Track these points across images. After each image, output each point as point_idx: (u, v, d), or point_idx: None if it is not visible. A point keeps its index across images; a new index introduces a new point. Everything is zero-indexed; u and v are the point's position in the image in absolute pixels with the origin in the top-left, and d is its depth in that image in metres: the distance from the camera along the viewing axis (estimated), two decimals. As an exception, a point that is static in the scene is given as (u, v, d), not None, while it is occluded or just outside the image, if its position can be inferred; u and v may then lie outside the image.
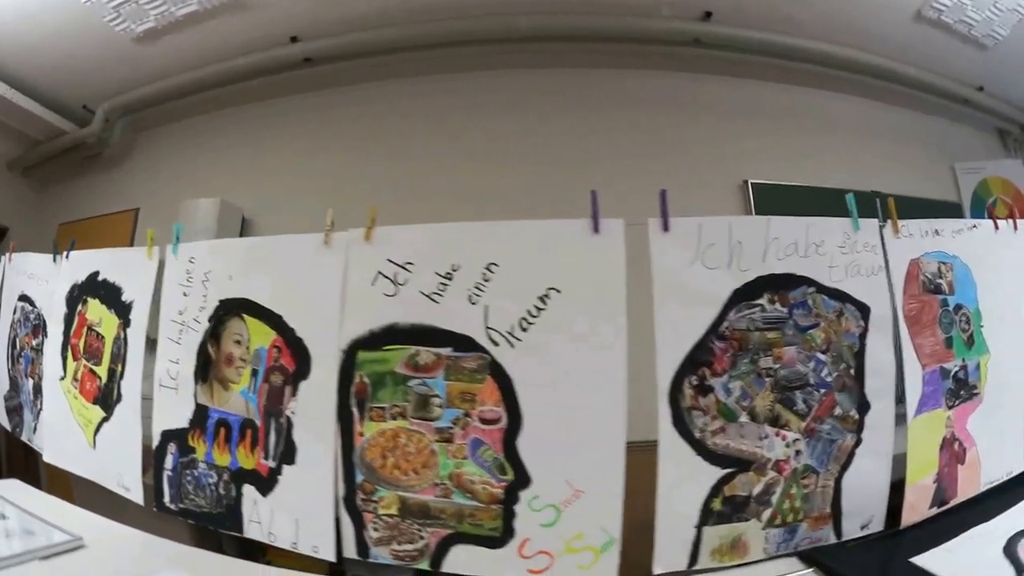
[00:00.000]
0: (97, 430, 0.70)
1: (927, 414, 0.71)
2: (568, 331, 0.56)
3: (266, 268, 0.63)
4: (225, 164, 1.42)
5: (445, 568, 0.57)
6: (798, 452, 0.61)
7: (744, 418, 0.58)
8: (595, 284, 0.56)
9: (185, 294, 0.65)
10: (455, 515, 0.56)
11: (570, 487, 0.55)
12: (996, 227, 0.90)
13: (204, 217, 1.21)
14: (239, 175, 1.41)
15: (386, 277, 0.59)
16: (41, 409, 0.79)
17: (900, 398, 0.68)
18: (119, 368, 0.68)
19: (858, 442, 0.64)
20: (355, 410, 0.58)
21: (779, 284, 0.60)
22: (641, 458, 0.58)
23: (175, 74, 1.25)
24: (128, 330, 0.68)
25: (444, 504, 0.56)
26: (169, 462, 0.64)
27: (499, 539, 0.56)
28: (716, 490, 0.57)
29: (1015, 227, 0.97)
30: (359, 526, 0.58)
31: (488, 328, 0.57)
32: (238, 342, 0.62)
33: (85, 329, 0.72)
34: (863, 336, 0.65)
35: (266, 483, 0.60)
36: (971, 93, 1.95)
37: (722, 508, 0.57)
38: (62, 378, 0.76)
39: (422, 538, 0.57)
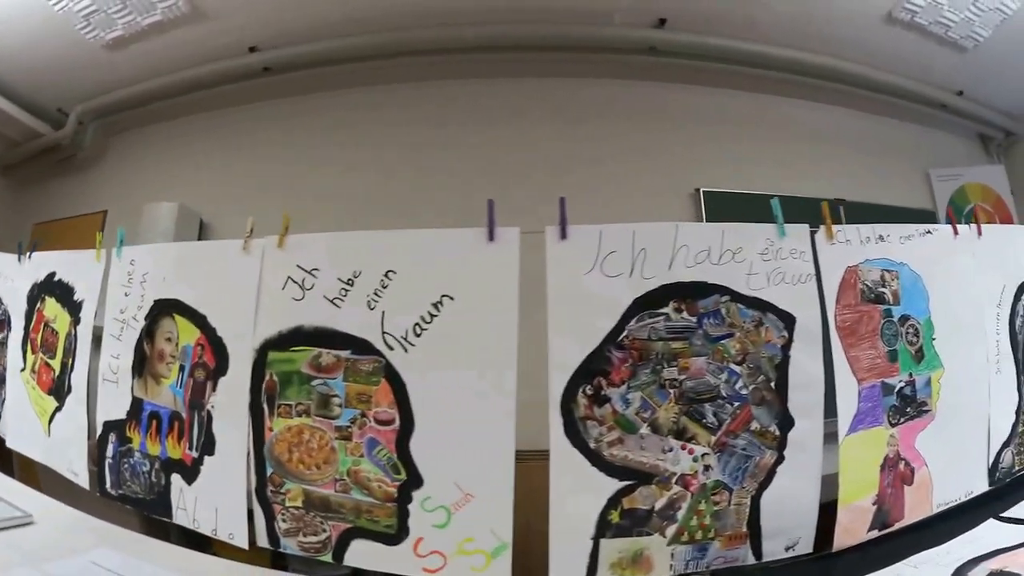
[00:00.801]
0: (51, 419, 0.89)
1: (864, 432, 0.75)
2: (459, 337, 0.65)
3: (195, 271, 0.76)
4: (187, 169, 1.67)
5: (347, 562, 0.66)
6: (707, 467, 0.66)
7: (645, 430, 0.64)
8: (489, 291, 0.65)
9: (126, 294, 0.80)
10: (354, 510, 0.66)
11: (460, 490, 0.64)
12: (955, 232, 0.89)
13: (163, 221, 1.42)
14: (200, 180, 1.65)
15: (295, 282, 0.70)
16: (5, 398, 0.96)
17: (834, 414, 0.69)
18: (70, 362, 0.84)
19: (780, 459, 0.68)
20: (265, 406, 0.70)
21: (687, 292, 0.64)
22: (545, 466, 0.63)
23: (142, 80, 1.49)
24: (78, 327, 0.83)
25: (344, 499, 0.67)
26: (110, 451, 0.80)
27: (395, 536, 0.66)
28: (614, 502, 0.65)
29: (979, 232, 0.96)
30: (269, 517, 0.70)
31: (384, 333, 0.66)
32: (169, 339, 0.75)
33: (43, 325, 0.90)
34: (786, 347, 0.69)
35: (191, 472, 0.74)
36: (949, 98, 2.02)
37: (621, 521, 0.65)
38: (23, 369, 0.97)
39: (325, 531, 0.68)
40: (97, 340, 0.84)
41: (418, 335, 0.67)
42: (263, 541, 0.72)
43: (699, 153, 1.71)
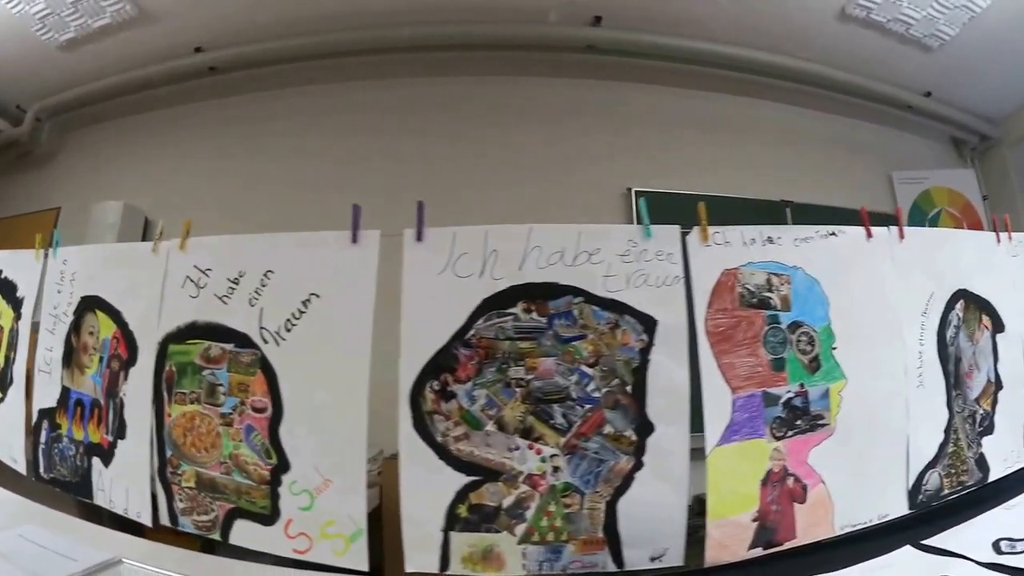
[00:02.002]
0: (-2, 408, 1.12)
1: (739, 443, 0.86)
2: (322, 332, 0.85)
3: (114, 270, 1.00)
4: (136, 167, 2.09)
5: (232, 540, 0.85)
6: (556, 468, 0.79)
7: (491, 427, 0.80)
8: (350, 290, 0.84)
9: (59, 291, 1.07)
10: (235, 491, 0.87)
11: (321, 476, 0.83)
12: (869, 235, 0.94)
13: (109, 219, 1.75)
14: (148, 178, 2.06)
15: (192, 281, 0.92)
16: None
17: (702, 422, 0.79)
18: (12, 355, 1.09)
19: (638, 465, 0.78)
20: (165, 394, 0.94)
21: (538, 293, 0.77)
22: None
23: (95, 80, 1.89)
24: (19, 322, 1.08)
25: (227, 480, 0.88)
26: (43, 437, 1.08)
27: (269, 517, 0.87)
28: (461, 497, 0.81)
29: (900, 235, 0.99)
30: (169, 497, 0.93)
31: (261, 328, 0.87)
32: (91, 333, 0.99)
33: (-8, 320, 1.14)
34: (646, 351, 0.80)
35: (107, 455, 0.98)
36: (916, 99, 2.12)
37: (469, 516, 0.83)
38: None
39: (213, 510, 0.89)
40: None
41: (288, 330, 0.87)
42: (165, 520, 0.94)
43: (636, 152, 2.02)
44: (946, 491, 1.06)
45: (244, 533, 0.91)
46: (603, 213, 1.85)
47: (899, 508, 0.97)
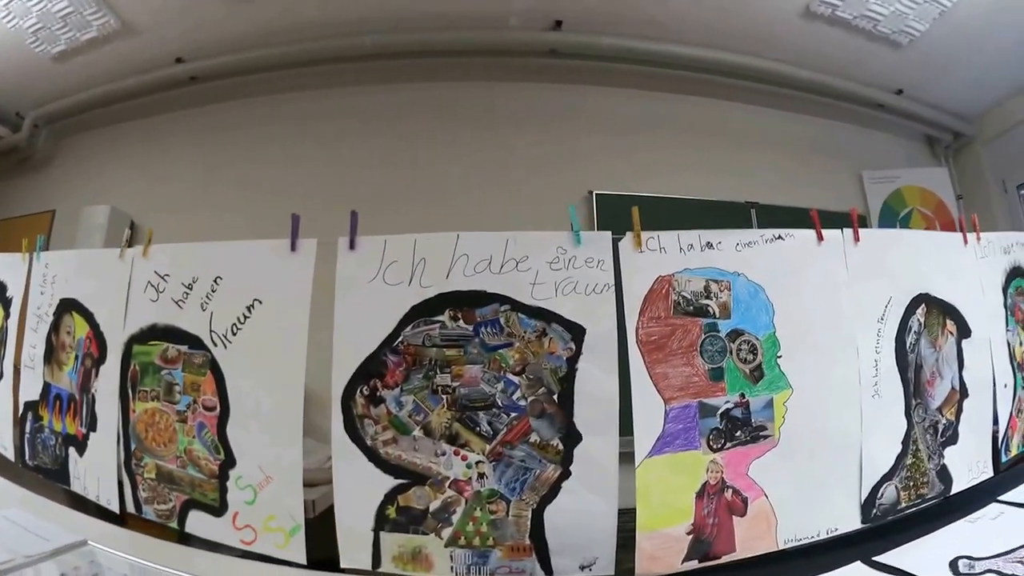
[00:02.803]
0: (-11, 401, 1.34)
1: (672, 455, 0.92)
2: (264, 337, 0.97)
3: (87, 274, 1.17)
4: (125, 172, 2.35)
5: (187, 529, 1.00)
6: (482, 475, 0.87)
7: (418, 432, 0.90)
8: (288, 296, 0.95)
9: (41, 293, 1.25)
10: (190, 483, 1.01)
11: (263, 472, 0.96)
12: (820, 238, 0.95)
13: (97, 222, 1.91)
14: (136, 182, 2.33)
15: (152, 286, 1.07)
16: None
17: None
18: (2, 351, 1.27)
19: (565, 474, 0.85)
20: (130, 391, 1.07)
21: (464, 301, 0.86)
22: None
23: (86, 89, 2.15)
24: (8, 320, 1.26)
25: (183, 473, 1.02)
26: (28, 427, 1.26)
27: (218, 509, 1.00)
28: (390, 498, 0.91)
29: (855, 238, 1.00)
30: (134, 486, 1.08)
31: (211, 331, 0.99)
32: (68, 333, 1.16)
33: (-16, 318, 1.36)
34: (573, 360, 0.87)
35: (82, 446, 1.15)
36: (887, 97, 2.19)
37: (397, 517, 0.94)
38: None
39: (171, 500, 1.03)
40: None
41: (235, 334, 1.00)
42: (130, 507, 1.10)
43: (597, 156, 2.11)
44: (904, 504, 1.09)
45: (197, 523, 1.06)
46: (564, 217, 2.01)
47: (850, 522, 1.01)
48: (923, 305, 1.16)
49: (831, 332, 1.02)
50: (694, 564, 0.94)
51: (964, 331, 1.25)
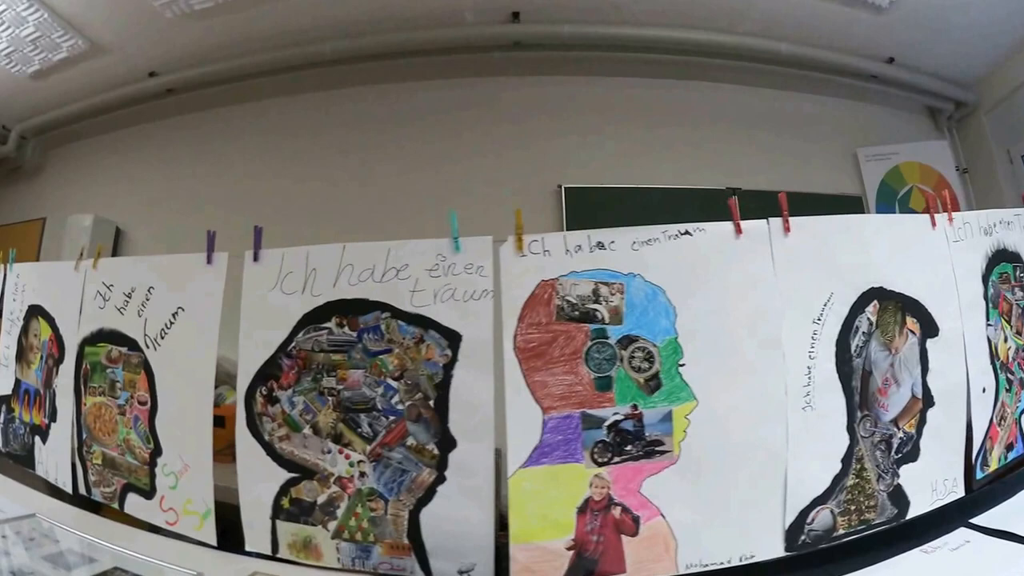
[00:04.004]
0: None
1: (550, 466, 1.03)
2: (184, 341, 1.24)
3: (50, 284, 1.49)
4: (109, 181, 2.82)
5: (126, 510, 1.29)
6: (363, 473, 1.08)
7: (307, 431, 1.13)
8: (204, 304, 1.18)
9: (14, 299, 1.61)
10: (128, 469, 1.30)
11: (182, 461, 1.21)
12: (738, 230, 1.00)
13: (82, 230, 2.28)
14: (118, 191, 2.78)
15: (100, 295, 1.36)
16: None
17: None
18: None
19: (440, 479, 1.04)
20: (82, 387, 1.36)
21: (349, 309, 1.07)
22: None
23: (65, 104, 2.61)
24: None
25: (122, 460, 1.31)
26: (2, 419, 1.58)
27: (149, 492, 1.29)
28: (284, 490, 1.13)
29: (785, 228, 1.00)
30: (84, 471, 1.39)
31: (145, 335, 1.28)
32: (36, 336, 1.50)
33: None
34: (449, 366, 1.05)
35: (45, 435, 1.47)
36: (877, 67, 2.23)
37: (290, 508, 1.16)
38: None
39: (113, 484, 1.33)
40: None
41: (163, 338, 1.28)
42: (82, 490, 1.42)
43: (566, 148, 2.20)
44: (842, 531, 1.10)
45: (133, 505, 1.37)
46: (532, 214, 2.11)
47: (771, 549, 1.04)
48: (875, 301, 1.15)
49: (748, 336, 1.04)
50: (581, 582, 1.05)
51: (930, 329, 1.21)
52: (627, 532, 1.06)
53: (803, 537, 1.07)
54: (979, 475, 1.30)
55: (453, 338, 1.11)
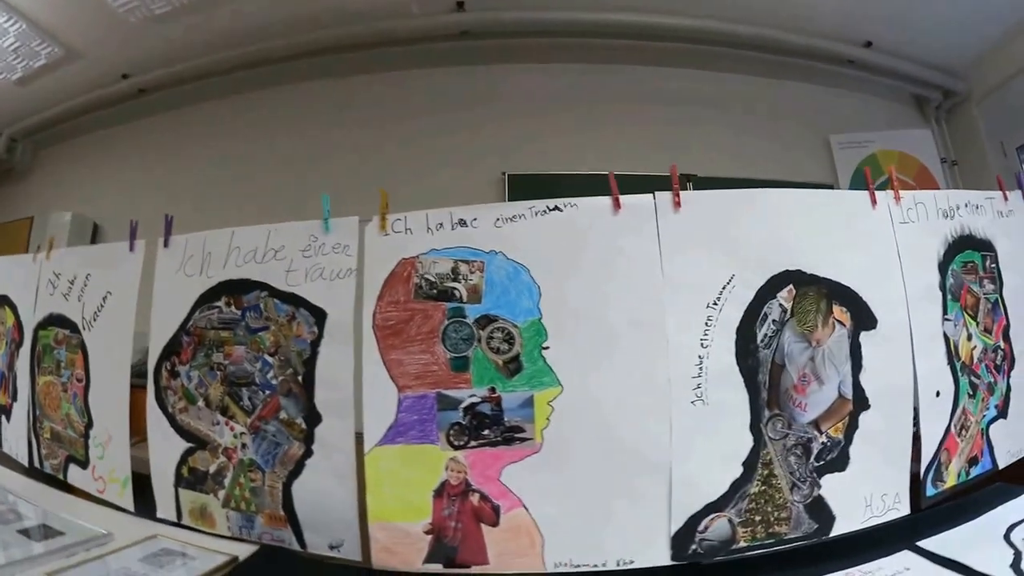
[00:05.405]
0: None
1: (405, 446, 1.23)
2: (110, 322, 1.61)
3: (14, 274, 1.95)
4: (90, 180, 3.43)
5: (68, 480, 1.69)
6: (244, 445, 1.38)
7: (201, 403, 1.44)
8: (125, 288, 1.55)
9: None
10: (69, 442, 1.70)
11: (108, 434, 1.58)
12: (617, 205, 1.14)
13: (60, 225, 2.84)
14: (99, 189, 3.37)
15: (51, 283, 1.79)
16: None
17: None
18: None
19: (308, 452, 1.32)
20: (36, 367, 1.79)
21: (236, 289, 1.39)
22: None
23: (50, 108, 3.22)
24: None
25: (64, 434, 1.72)
26: None
27: (84, 463, 1.67)
28: (184, 459, 1.45)
29: (676, 204, 1.13)
30: (38, 445, 1.84)
31: (83, 318, 1.68)
32: (2, 323, 1.96)
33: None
34: (316, 343, 1.33)
35: (8, 414, 1.93)
36: (853, 51, 2.41)
37: (188, 476, 1.47)
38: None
39: (58, 456, 1.73)
40: None
41: (95, 320, 1.66)
42: (36, 464, 1.84)
43: (512, 136, 2.45)
44: (743, 544, 1.13)
45: (74, 475, 1.75)
46: (476, 201, 2.42)
47: (653, 556, 1.10)
48: (790, 286, 1.19)
49: (625, 320, 1.11)
50: (438, 568, 1.16)
51: (864, 321, 1.23)
52: (487, 521, 1.18)
53: (693, 546, 1.12)
54: (931, 492, 1.30)
55: (320, 316, 1.35)
